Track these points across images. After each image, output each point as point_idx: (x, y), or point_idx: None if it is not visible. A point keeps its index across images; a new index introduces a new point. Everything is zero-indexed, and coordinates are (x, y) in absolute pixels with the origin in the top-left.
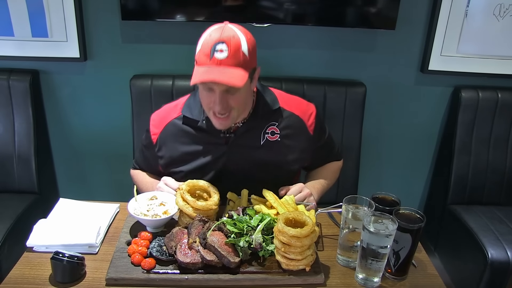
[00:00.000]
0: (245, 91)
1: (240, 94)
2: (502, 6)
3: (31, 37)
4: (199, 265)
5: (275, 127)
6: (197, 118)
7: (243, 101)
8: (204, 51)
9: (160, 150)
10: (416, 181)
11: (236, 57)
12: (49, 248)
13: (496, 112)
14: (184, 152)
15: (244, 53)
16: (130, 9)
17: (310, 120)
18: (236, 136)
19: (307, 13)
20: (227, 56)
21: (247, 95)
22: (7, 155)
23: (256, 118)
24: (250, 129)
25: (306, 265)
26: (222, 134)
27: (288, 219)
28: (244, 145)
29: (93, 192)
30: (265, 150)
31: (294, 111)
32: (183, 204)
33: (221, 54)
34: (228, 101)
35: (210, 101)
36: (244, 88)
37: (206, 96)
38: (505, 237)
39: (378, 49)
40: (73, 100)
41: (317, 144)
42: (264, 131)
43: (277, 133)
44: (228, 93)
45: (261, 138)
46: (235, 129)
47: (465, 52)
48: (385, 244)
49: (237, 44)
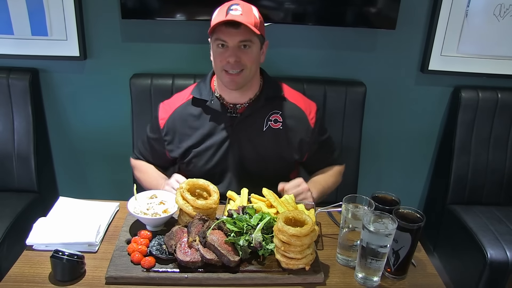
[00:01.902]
0: (256, 52)
1: (252, 52)
2: (502, 6)
3: (31, 35)
4: (198, 264)
5: (279, 115)
6: (206, 98)
7: (254, 60)
8: (219, 12)
9: (168, 134)
10: (415, 181)
11: (249, 16)
12: (48, 246)
13: (496, 112)
14: (190, 136)
15: (256, 16)
16: (130, 8)
17: (312, 113)
18: (241, 117)
19: (307, 13)
20: (241, 14)
21: (257, 59)
22: (6, 153)
23: (261, 100)
24: (254, 113)
25: (305, 264)
26: (229, 113)
27: (288, 218)
28: (247, 129)
29: (93, 191)
30: (267, 136)
31: (297, 103)
32: (183, 202)
33: (236, 11)
34: (240, 56)
35: (223, 57)
36: (255, 48)
37: (219, 53)
38: (504, 237)
39: (378, 49)
40: (72, 99)
41: (317, 140)
42: (268, 118)
43: (280, 121)
44: (241, 50)
45: (264, 125)
46: (241, 110)
47: (465, 52)
48: (385, 243)
49: (249, 8)
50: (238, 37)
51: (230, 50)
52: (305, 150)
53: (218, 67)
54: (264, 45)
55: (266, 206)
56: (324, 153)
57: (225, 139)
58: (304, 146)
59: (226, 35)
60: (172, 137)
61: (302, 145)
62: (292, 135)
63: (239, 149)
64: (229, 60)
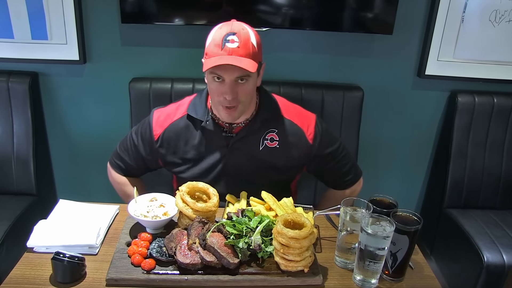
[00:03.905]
0: (253, 84)
1: (248, 85)
2: (497, 12)
3: (31, 39)
4: (198, 266)
5: (275, 134)
6: (201, 118)
7: (250, 94)
8: (215, 42)
9: (162, 147)
10: (412, 185)
11: (246, 48)
12: (49, 248)
13: (492, 117)
14: (186, 152)
15: (253, 44)
16: (130, 12)
17: (310, 128)
18: (237, 137)
19: (305, 18)
20: (238, 46)
21: (254, 90)
22: (5, 157)
23: (257, 122)
24: (250, 133)
25: (304, 266)
26: (224, 133)
27: (287, 220)
28: (243, 149)
29: (91, 194)
30: (264, 155)
31: (293, 119)
32: (183, 205)
33: (233, 44)
34: (237, 91)
35: (220, 92)
36: (252, 80)
37: (216, 86)
38: (500, 240)
39: (375, 54)
40: (72, 103)
41: (320, 153)
42: (264, 137)
43: (276, 140)
44: (238, 84)
45: (260, 144)
46: (236, 130)
47: (461, 57)
48: (383, 245)
49: (246, 36)
50: (235, 74)
51: (227, 85)
52: (304, 164)
53: (215, 101)
54: (262, 68)
55: (265, 209)
56: (335, 163)
57: (221, 158)
58: (303, 161)
59: (223, 71)
60: (167, 151)
61: (302, 161)
62: (289, 153)
63: (235, 168)
64: (226, 97)
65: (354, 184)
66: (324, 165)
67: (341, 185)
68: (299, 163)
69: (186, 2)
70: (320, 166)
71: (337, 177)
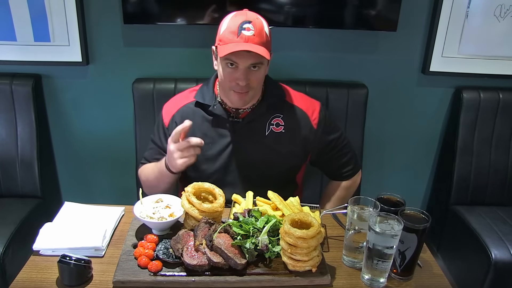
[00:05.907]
0: (264, 72)
1: (260, 72)
2: (502, 7)
3: (34, 41)
4: (205, 267)
5: (280, 119)
6: (209, 103)
7: (261, 81)
8: (230, 29)
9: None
10: (418, 182)
11: (261, 36)
12: (55, 251)
13: (498, 113)
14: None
15: (266, 33)
16: (132, 13)
17: (314, 114)
18: (243, 122)
19: (308, 16)
20: (254, 34)
21: (263, 77)
22: (10, 159)
23: (263, 107)
24: (256, 118)
25: (312, 266)
26: (231, 118)
27: (294, 220)
28: (250, 134)
29: (96, 196)
30: (269, 140)
31: (298, 104)
32: (189, 206)
33: (248, 32)
34: (250, 78)
35: (233, 78)
36: (264, 68)
37: (229, 72)
38: (508, 237)
39: (379, 51)
40: (75, 104)
41: (322, 140)
42: (269, 122)
43: (282, 125)
44: (250, 71)
45: (266, 129)
46: (243, 115)
47: (466, 53)
48: (391, 244)
49: (261, 24)
50: (250, 60)
51: (240, 71)
52: (309, 151)
53: (227, 86)
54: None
55: (272, 209)
56: (335, 153)
57: (228, 144)
58: (308, 148)
59: (238, 57)
60: None
61: (306, 146)
62: (295, 138)
63: (242, 153)
64: (239, 83)
65: (354, 176)
66: (326, 153)
67: (341, 175)
68: (303, 151)
69: (188, 2)
70: (322, 154)
71: (338, 166)
